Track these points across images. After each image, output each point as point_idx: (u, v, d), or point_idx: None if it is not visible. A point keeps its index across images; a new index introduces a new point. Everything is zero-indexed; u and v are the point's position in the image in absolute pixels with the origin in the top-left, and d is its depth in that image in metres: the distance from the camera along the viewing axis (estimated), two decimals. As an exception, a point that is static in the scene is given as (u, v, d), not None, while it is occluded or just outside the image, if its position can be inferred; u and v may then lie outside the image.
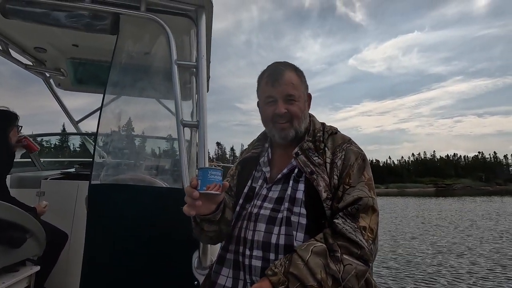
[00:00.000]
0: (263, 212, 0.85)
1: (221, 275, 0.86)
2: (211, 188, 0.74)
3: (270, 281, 0.70)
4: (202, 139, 1.32)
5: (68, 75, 2.52)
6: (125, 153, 1.43)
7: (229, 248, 0.88)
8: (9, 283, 1.46)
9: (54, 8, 1.41)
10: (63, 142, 4.42)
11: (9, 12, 1.37)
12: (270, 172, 0.95)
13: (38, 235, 1.66)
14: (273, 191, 0.90)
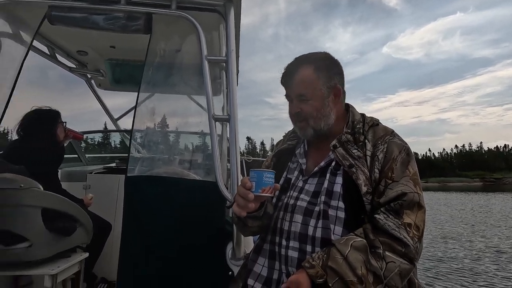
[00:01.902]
0: (299, 203, 0.85)
1: (257, 264, 0.87)
2: (266, 191, 0.75)
3: (307, 274, 0.69)
4: (233, 133, 1.34)
5: (107, 76, 2.67)
6: (159, 148, 1.49)
7: (265, 238, 0.89)
8: (63, 267, 1.61)
9: (93, 12, 1.49)
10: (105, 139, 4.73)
11: (54, 19, 1.48)
12: (306, 164, 0.94)
13: (86, 224, 1.80)
14: (310, 184, 0.89)
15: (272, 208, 0.92)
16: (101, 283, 2.20)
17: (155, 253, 1.20)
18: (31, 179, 1.55)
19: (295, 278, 0.70)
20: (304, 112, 0.90)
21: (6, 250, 1.52)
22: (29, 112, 1.94)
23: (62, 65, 2.39)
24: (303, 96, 0.90)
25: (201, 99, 1.51)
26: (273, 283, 0.82)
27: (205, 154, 1.51)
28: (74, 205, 1.72)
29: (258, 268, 0.87)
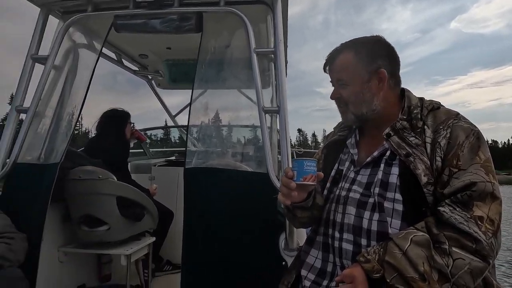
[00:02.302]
0: (352, 195, 0.82)
1: (309, 255, 0.87)
2: (307, 179, 0.76)
3: (362, 268, 0.67)
4: (283, 124, 1.34)
5: (165, 76, 2.88)
6: (213, 141, 1.57)
7: (318, 230, 0.88)
8: (136, 248, 1.82)
9: (151, 17, 1.62)
10: (166, 135, 5.14)
11: (119, 27, 1.64)
12: (358, 154, 0.90)
13: (152, 212, 2.00)
14: (362, 175, 0.85)
15: (322, 200, 0.91)
16: (167, 265, 2.43)
17: (214, 239, 1.28)
18: (107, 171, 1.77)
19: (349, 272, 0.68)
20: (343, 98, 0.89)
21: (90, 232, 1.78)
22: (105, 112, 2.24)
23: (127, 68, 2.65)
24: (342, 81, 0.89)
25: (251, 93, 1.54)
26: (327, 275, 0.81)
27: (256, 146, 1.54)
28: (143, 195, 1.92)
29: (311, 260, 0.86)
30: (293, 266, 0.95)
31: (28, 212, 1.39)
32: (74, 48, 1.81)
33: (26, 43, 1.70)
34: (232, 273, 1.27)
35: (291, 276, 0.92)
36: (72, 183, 1.69)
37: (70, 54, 1.79)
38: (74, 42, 1.81)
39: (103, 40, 1.75)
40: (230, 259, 1.28)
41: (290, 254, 1.27)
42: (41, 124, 1.67)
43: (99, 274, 2.19)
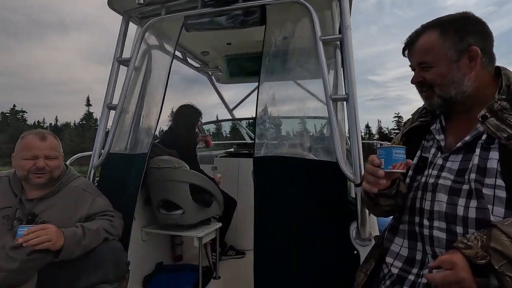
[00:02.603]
0: (442, 182, 0.78)
1: (394, 243, 0.86)
2: (396, 167, 0.75)
3: (463, 254, 0.64)
4: (352, 112, 1.31)
5: (224, 71, 3.01)
6: (280, 132, 1.60)
7: (401, 218, 0.86)
8: (206, 232, 1.97)
9: (217, 14, 1.70)
10: (218, 129, 5.40)
11: (189, 27, 1.76)
12: (445, 140, 0.85)
13: (219, 199, 2.13)
14: (452, 162, 0.80)
15: (405, 187, 0.88)
16: (230, 250, 2.58)
17: (284, 226, 1.32)
18: (181, 160, 1.94)
19: (448, 258, 0.65)
20: (427, 81, 0.84)
21: (168, 215, 1.98)
22: (180, 107, 2.46)
23: (190, 65, 2.84)
24: (425, 64, 0.84)
25: (316, 82, 1.53)
26: (416, 263, 0.79)
27: (324, 135, 1.53)
28: (211, 183, 2.07)
29: (396, 248, 0.85)
30: (371, 255, 0.94)
31: (121, 195, 1.60)
32: (149, 50, 2.00)
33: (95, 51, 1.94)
34: (302, 260, 1.30)
35: (369, 264, 0.92)
36: (152, 171, 1.90)
37: (146, 56, 1.99)
38: (149, 44, 2.00)
39: (173, 41, 1.90)
40: (300, 246, 1.31)
41: (362, 244, 1.25)
42: (125, 119, 1.89)
43: (172, 254, 2.42)
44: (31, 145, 1.27)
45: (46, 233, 1.08)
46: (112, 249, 1.22)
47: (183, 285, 1.92)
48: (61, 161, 1.36)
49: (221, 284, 2.09)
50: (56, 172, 1.32)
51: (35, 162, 1.26)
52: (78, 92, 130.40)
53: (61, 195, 1.31)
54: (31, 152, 1.26)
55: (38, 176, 1.26)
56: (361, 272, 0.93)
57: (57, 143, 1.36)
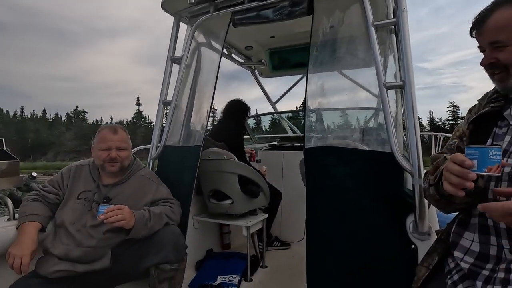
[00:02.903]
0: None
1: (463, 238, 0.81)
2: (493, 170, 0.67)
3: None
4: (409, 99, 1.24)
5: (267, 64, 3.04)
6: (331, 123, 1.58)
7: (472, 212, 0.81)
8: (254, 221, 2.03)
9: (263, 8, 1.72)
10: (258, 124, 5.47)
11: (236, 22, 1.81)
12: None
13: (265, 191, 2.18)
14: None
15: (483, 182, 0.81)
16: (276, 241, 2.62)
17: (336, 216, 1.31)
18: (230, 152, 2.02)
19: None
20: (501, 62, 0.77)
21: (218, 204, 2.08)
22: (232, 101, 2.56)
23: (235, 61, 2.91)
24: (498, 43, 0.77)
25: (366, 71, 1.48)
26: (491, 259, 0.74)
27: (376, 126, 1.48)
28: (258, 174, 2.12)
29: (466, 243, 0.80)
30: (434, 248, 0.90)
31: (176, 184, 1.72)
32: (198, 47, 2.10)
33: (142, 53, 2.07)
34: (356, 252, 1.29)
35: (432, 259, 0.88)
36: (203, 162, 2.00)
37: (196, 53, 2.09)
38: (198, 42, 2.10)
39: (221, 37, 1.97)
40: (354, 239, 1.29)
41: (420, 238, 1.20)
42: (178, 114, 2.02)
43: (221, 242, 2.54)
44: (106, 138, 1.43)
45: (122, 213, 1.22)
46: (172, 233, 1.33)
47: (232, 271, 2.01)
48: (130, 152, 1.51)
49: (269, 272, 2.15)
50: (126, 162, 1.47)
51: (109, 153, 1.41)
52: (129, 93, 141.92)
53: (130, 182, 1.47)
54: (105, 144, 1.42)
55: (112, 165, 1.42)
56: (422, 266, 0.90)
57: (127, 136, 1.51)
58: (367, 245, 1.27)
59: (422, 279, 0.87)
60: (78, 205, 1.37)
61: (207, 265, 2.10)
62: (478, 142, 0.86)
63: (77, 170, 1.49)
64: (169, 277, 1.29)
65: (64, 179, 1.46)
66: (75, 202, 1.38)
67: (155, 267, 1.28)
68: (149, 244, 1.30)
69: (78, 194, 1.41)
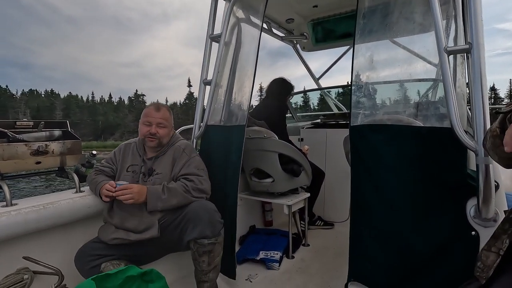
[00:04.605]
0: None
1: None
2: None
3: None
4: (477, 66, 1.06)
5: (310, 37, 2.87)
6: (380, 98, 1.45)
7: None
8: (295, 200, 2.02)
9: None
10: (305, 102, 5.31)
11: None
12: None
13: (307, 170, 2.13)
14: None
15: None
16: (318, 220, 2.59)
17: (384, 194, 1.23)
18: (270, 130, 1.99)
19: None
20: None
21: (259, 183, 2.10)
22: (272, 81, 2.52)
23: (276, 36, 2.80)
24: None
25: (424, 37, 1.30)
26: None
27: (436, 99, 1.31)
28: (299, 153, 2.07)
29: None
30: (503, 230, 0.77)
31: (222, 163, 1.75)
32: (237, 23, 2.04)
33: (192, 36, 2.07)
34: (404, 236, 1.20)
35: (501, 242, 0.76)
36: (244, 141, 2.01)
37: (235, 30, 2.04)
38: (238, 17, 2.04)
39: (260, 11, 1.88)
40: (402, 222, 1.20)
41: (484, 224, 1.06)
42: (219, 93, 2.02)
43: (263, 219, 2.59)
44: (149, 113, 1.54)
45: (130, 192, 1.36)
46: (206, 209, 1.39)
47: (274, 247, 2.05)
48: (170, 130, 1.59)
49: (311, 251, 2.15)
50: (165, 139, 1.56)
51: (149, 128, 1.51)
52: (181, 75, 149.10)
53: (168, 153, 1.57)
54: (147, 119, 1.53)
55: (151, 139, 1.52)
56: (490, 252, 0.77)
57: (169, 115, 1.58)
58: (416, 230, 1.17)
59: (494, 267, 0.75)
60: (128, 176, 1.52)
61: (250, 240, 2.17)
62: None
63: (126, 147, 1.65)
64: (208, 250, 1.36)
65: (116, 156, 1.63)
66: (125, 174, 1.54)
67: (194, 241, 1.36)
68: (187, 221, 1.37)
69: (127, 167, 1.56)
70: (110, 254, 1.38)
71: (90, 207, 1.52)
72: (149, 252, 1.48)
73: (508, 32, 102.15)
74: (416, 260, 1.18)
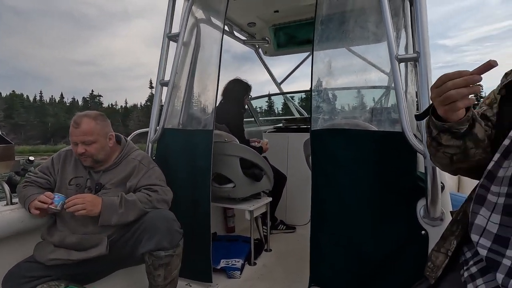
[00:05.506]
0: None
1: (479, 215, 0.71)
2: None
3: None
4: (424, 74, 1.13)
5: (271, 42, 2.89)
6: (338, 104, 1.48)
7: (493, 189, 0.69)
8: (257, 205, 1.99)
9: None
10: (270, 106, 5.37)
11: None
12: None
13: (269, 174, 2.11)
14: None
15: (483, 134, 0.71)
16: (281, 224, 2.59)
17: (342, 199, 1.25)
18: (231, 135, 1.94)
19: None
20: None
21: (220, 188, 2.03)
22: (231, 81, 2.45)
23: (237, 38, 2.77)
24: None
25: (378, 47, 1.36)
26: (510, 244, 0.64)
27: (387, 105, 1.37)
28: (261, 157, 2.04)
29: (482, 221, 0.69)
30: (451, 232, 0.81)
31: (175, 168, 1.66)
32: (197, 24, 1.97)
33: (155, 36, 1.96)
34: (362, 238, 1.23)
35: (449, 243, 0.79)
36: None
37: (195, 30, 1.97)
38: (197, 18, 1.97)
39: (221, 13, 1.84)
40: (359, 223, 1.23)
41: (432, 223, 1.12)
42: (178, 95, 1.93)
43: (225, 226, 2.52)
44: (71, 132, 1.33)
45: (82, 202, 1.21)
46: (165, 219, 1.28)
47: (236, 254, 1.99)
48: (102, 143, 1.35)
49: (273, 256, 2.13)
50: (100, 155, 1.35)
51: (76, 148, 1.32)
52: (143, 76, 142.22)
53: (121, 166, 1.40)
54: (72, 139, 1.33)
55: (83, 160, 1.34)
56: (439, 252, 0.80)
57: (94, 125, 1.33)
58: (373, 231, 1.21)
59: (442, 267, 0.77)
60: (71, 191, 1.33)
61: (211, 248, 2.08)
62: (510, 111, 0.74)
63: (67, 155, 1.43)
64: (165, 263, 1.26)
65: (54, 165, 1.41)
66: (68, 188, 1.34)
67: (149, 254, 1.25)
68: (142, 231, 1.26)
69: (69, 180, 1.36)
70: (47, 275, 1.21)
71: (24, 222, 1.33)
72: (95, 269, 1.33)
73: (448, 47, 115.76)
74: (373, 263, 1.21)
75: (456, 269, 0.75)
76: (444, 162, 0.77)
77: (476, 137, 0.70)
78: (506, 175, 0.67)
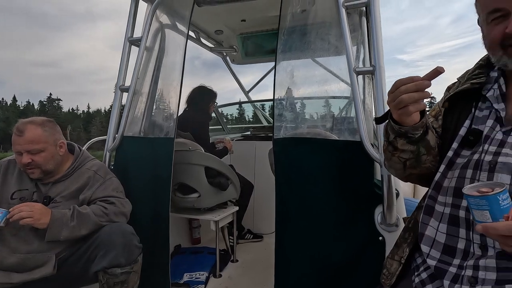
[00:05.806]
0: (503, 160, 0.65)
1: (429, 226, 0.74)
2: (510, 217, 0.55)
3: None
4: (379, 86, 1.18)
5: (239, 50, 2.89)
6: (300, 113, 1.50)
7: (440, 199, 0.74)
8: (223, 215, 1.94)
9: None
10: (241, 114, 5.35)
11: (200, 1, 1.66)
12: (505, 110, 0.71)
13: (235, 183, 2.09)
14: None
15: (434, 141, 0.75)
16: (248, 233, 2.56)
17: (304, 208, 1.25)
18: (196, 143, 1.89)
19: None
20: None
21: (183, 198, 1.96)
22: (195, 88, 2.40)
23: (204, 46, 2.74)
24: None
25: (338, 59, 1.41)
26: (457, 253, 0.68)
27: (347, 115, 1.42)
28: (227, 166, 2.01)
29: (431, 232, 0.73)
30: (404, 239, 0.84)
31: (136, 177, 1.57)
32: (161, 29, 1.92)
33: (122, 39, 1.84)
34: (324, 244, 1.24)
35: (402, 250, 0.82)
36: (171, 154, 1.86)
37: (159, 35, 1.91)
38: (161, 23, 1.92)
39: (186, 19, 1.80)
40: (322, 231, 1.24)
41: (388, 229, 1.17)
42: (139, 101, 1.84)
43: (190, 237, 2.43)
44: (13, 140, 1.21)
45: (29, 209, 1.09)
46: (122, 233, 1.20)
47: (201, 267, 1.92)
48: (52, 151, 1.25)
49: (239, 266, 2.08)
50: (49, 165, 1.24)
51: (20, 159, 1.20)
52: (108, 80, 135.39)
53: (74, 178, 1.30)
54: (15, 148, 1.21)
55: (30, 171, 1.22)
56: (393, 260, 0.82)
57: (41, 132, 1.23)
58: (335, 238, 1.23)
59: (396, 274, 0.79)
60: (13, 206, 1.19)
61: (174, 262, 1.99)
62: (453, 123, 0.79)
63: (10, 165, 1.29)
64: (121, 281, 1.17)
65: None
66: (9, 203, 1.20)
67: (103, 271, 1.15)
68: (96, 246, 1.16)
69: (12, 194, 1.23)
70: (-20, 301, 1.07)
71: (-48, 241, 1.17)
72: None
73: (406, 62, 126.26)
74: (336, 269, 1.22)
75: (408, 275, 0.78)
76: (397, 167, 0.81)
77: (428, 144, 0.74)
78: (451, 186, 0.71)
